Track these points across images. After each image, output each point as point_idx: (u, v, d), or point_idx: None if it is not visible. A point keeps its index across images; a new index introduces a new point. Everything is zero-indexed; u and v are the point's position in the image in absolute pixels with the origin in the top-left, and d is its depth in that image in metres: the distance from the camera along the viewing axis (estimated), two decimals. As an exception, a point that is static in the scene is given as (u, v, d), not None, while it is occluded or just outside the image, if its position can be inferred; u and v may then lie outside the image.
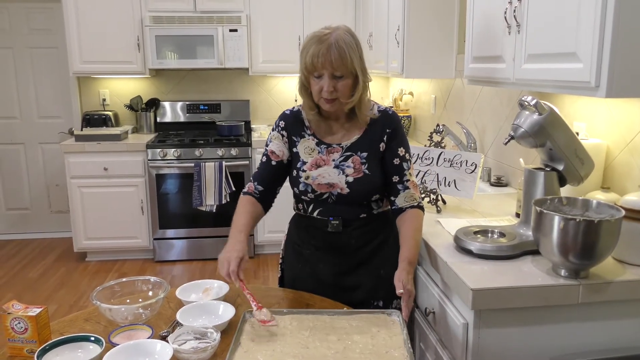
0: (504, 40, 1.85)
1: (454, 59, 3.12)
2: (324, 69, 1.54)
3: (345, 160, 1.65)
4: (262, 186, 1.72)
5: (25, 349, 1.33)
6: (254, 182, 1.73)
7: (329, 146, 1.68)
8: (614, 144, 1.80)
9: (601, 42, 1.33)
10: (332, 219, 1.68)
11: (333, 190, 1.65)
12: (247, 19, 4.24)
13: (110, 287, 1.56)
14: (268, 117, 4.83)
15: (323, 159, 1.67)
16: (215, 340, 1.31)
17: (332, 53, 1.52)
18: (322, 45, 1.53)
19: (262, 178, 1.73)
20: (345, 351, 1.30)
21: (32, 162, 4.78)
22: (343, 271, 1.71)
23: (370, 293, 1.70)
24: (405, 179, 1.67)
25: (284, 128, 1.73)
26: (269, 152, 1.73)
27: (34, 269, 4.13)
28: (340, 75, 1.56)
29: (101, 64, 4.22)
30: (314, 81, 1.59)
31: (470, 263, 1.50)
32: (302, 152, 1.70)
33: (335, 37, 1.54)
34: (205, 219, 4.17)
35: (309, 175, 1.66)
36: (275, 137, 1.73)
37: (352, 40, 1.57)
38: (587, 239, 1.29)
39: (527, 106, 1.56)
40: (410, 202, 1.66)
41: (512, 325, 1.39)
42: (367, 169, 1.64)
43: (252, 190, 1.73)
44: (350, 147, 1.66)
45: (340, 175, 1.64)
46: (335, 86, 1.56)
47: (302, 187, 1.67)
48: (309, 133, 1.70)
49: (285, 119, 1.74)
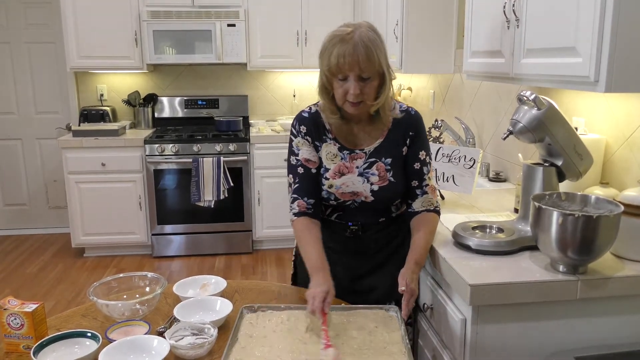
0: (503, 35, 1.85)
1: (453, 54, 3.11)
2: (350, 71, 1.45)
3: (370, 167, 1.60)
4: (312, 199, 1.61)
5: (21, 344, 1.33)
6: (302, 198, 1.61)
7: (351, 152, 1.61)
8: (613, 139, 1.79)
9: (600, 36, 1.33)
10: (352, 224, 1.66)
11: (357, 199, 1.61)
12: (245, 14, 4.22)
13: (107, 282, 1.56)
14: (266, 113, 4.82)
15: (346, 167, 1.60)
16: (213, 336, 1.30)
17: (359, 53, 1.43)
18: (347, 45, 1.44)
19: (309, 190, 1.61)
20: (343, 347, 1.30)
21: (30, 158, 4.77)
22: (360, 274, 1.68)
23: (387, 294, 1.67)
24: (425, 183, 1.63)
25: (307, 133, 1.63)
26: (302, 160, 1.62)
27: (32, 265, 4.12)
28: (367, 77, 1.47)
29: (99, 59, 4.20)
30: (337, 84, 1.49)
31: (468, 258, 1.49)
32: (324, 157, 1.62)
33: (359, 36, 1.44)
34: (203, 215, 4.16)
35: (332, 184, 1.61)
36: (303, 144, 1.63)
37: (376, 38, 1.48)
38: (586, 235, 1.29)
39: (526, 101, 1.56)
40: (427, 207, 1.63)
41: (511, 321, 1.38)
42: (392, 176, 1.60)
43: (305, 207, 1.61)
44: (374, 152, 1.61)
45: (365, 184, 1.59)
46: (362, 89, 1.47)
47: (325, 195, 1.62)
48: (331, 137, 1.62)
49: (305, 123, 1.63)
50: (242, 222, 4.24)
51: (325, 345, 1.27)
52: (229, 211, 4.20)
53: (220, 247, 4.27)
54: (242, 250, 4.28)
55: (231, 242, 4.27)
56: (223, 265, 4.07)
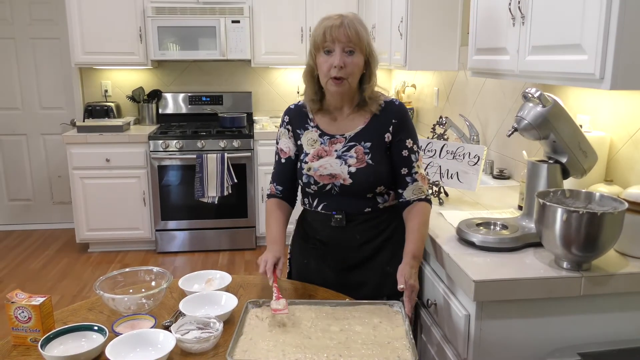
0: (508, 32, 1.84)
1: (457, 51, 3.11)
2: (336, 42, 1.53)
3: (348, 151, 1.63)
4: (281, 185, 1.75)
5: (28, 337, 1.34)
6: (273, 183, 1.77)
7: (331, 137, 1.66)
8: (618, 136, 1.79)
9: (606, 33, 1.33)
10: (336, 213, 1.66)
11: (335, 182, 1.63)
12: (249, 10, 4.22)
13: (113, 277, 1.56)
14: (270, 109, 4.82)
15: (325, 150, 1.65)
16: (218, 330, 1.31)
17: (346, 27, 1.53)
18: (335, 21, 1.54)
19: (279, 177, 1.76)
20: (347, 342, 1.30)
21: (35, 153, 4.78)
22: (348, 267, 1.70)
23: (376, 290, 1.68)
24: (414, 171, 1.65)
25: (288, 122, 1.74)
26: (279, 149, 1.75)
27: (36, 260, 4.14)
28: (351, 51, 1.54)
29: (103, 55, 4.22)
30: (322, 58, 1.56)
31: (472, 255, 1.50)
32: (305, 143, 1.69)
33: (347, 16, 1.56)
34: (207, 211, 4.17)
35: (310, 167, 1.65)
36: (283, 134, 1.74)
37: (362, 23, 1.59)
38: (590, 232, 1.29)
39: (530, 98, 1.56)
40: (418, 195, 1.64)
41: (514, 317, 1.39)
42: (370, 159, 1.62)
43: (274, 191, 1.77)
44: (354, 137, 1.64)
45: (342, 165, 1.62)
46: (345, 62, 1.54)
47: (305, 179, 1.67)
48: (312, 125, 1.69)
49: (289, 113, 1.75)
50: (245, 219, 4.25)
51: (277, 297, 1.44)
52: (233, 207, 4.21)
53: (224, 243, 4.28)
54: (246, 246, 4.30)
55: (235, 238, 4.28)
56: (227, 261, 4.08)
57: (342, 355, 1.24)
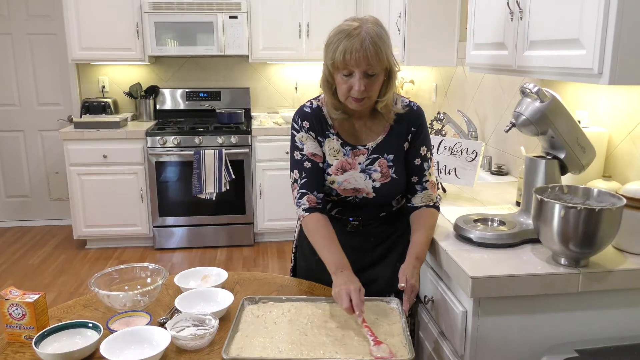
0: (506, 27, 1.83)
1: (456, 46, 3.10)
2: (356, 67, 1.42)
3: (372, 164, 1.59)
4: (321, 193, 1.59)
5: (23, 335, 1.33)
6: (312, 193, 1.57)
7: (354, 148, 1.60)
8: (616, 132, 1.79)
9: (605, 28, 1.32)
10: (352, 220, 1.66)
11: (358, 195, 1.61)
12: (247, 6, 4.20)
13: (108, 273, 1.56)
14: (268, 105, 4.81)
15: (349, 163, 1.59)
16: (214, 327, 1.31)
17: (366, 49, 1.40)
18: (353, 40, 1.40)
19: (317, 184, 1.58)
20: (343, 338, 1.30)
21: (32, 150, 4.77)
22: (361, 268, 1.66)
23: (387, 286, 1.66)
24: (425, 179, 1.63)
25: (310, 129, 1.60)
26: (309, 155, 1.59)
27: (34, 256, 4.13)
28: (372, 74, 1.44)
29: (100, 50, 4.19)
30: (341, 79, 1.46)
31: (469, 251, 1.49)
32: (327, 152, 1.60)
33: (366, 32, 1.41)
34: (205, 207, 4.16)
35: (334, 180, 1.60)
36: (307, 138, 1.60)
37: (383, 33, 1.45)
38: (588, 228, 1.28)
39: (529, 93, 1.55)
40: (427, 202, 1.64)
41: (512, 314, 1.38)
42: (394, 172, 1.59)
43: (315, 202, 1.57)
44: (376, 148, 1.59)
45: (367, 180, 1.59)
46: (366, 86, 1.45)
47: (326, 190, 1.62)
48: (333, 133, 1.60)
49: (307, 118, 1.61)
50: (243, 215, 4.24)
51: (375, 342, 1.26)
52: (231, 203, 4.20)
53: (222, 239, 4.27)
54: (244, 243, 4.29)
55: (232, 235, 4.27)
56: (224, 258, 4.08)
57: (338, 352, 1.24)
